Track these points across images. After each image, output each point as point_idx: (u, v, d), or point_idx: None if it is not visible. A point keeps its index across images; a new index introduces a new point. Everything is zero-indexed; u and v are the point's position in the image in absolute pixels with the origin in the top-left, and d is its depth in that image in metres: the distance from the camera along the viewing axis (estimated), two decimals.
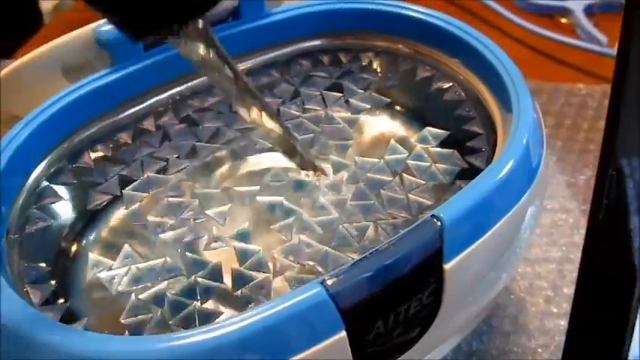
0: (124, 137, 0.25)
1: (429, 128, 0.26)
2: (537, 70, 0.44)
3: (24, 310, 0.18)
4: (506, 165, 0.21)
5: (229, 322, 0.17)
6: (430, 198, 0.24)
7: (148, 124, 0.26)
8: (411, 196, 0.24)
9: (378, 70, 0.29)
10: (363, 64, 0.29)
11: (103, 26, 0.24)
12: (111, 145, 0.25)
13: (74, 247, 0.23)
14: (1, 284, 0.18)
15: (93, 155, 0.25)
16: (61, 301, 0.21)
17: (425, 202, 0.23)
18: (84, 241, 0.23)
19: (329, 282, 0.17)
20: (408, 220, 0.23)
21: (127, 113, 0.26)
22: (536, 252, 0.33)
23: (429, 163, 0.25)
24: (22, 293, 0.20)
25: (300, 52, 0.29)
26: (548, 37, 0.46)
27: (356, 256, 0.19)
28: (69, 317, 0.21)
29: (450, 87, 0.26)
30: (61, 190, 0.24)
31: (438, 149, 0.25)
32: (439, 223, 0.19)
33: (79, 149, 0.25)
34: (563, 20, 0.48)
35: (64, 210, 0.23)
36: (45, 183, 0.23)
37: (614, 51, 0.44)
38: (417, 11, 0.27)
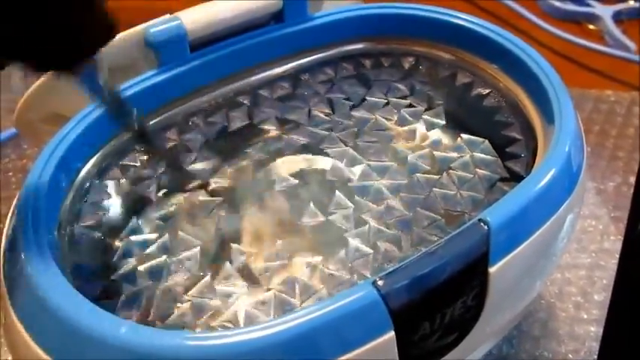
0: (169, 136, 0.26)
1: (467, 136, 0.27)
2: (565, 77, 0.44)
3: (82, 304, 0.18)
4: (549, 172, 0.21)
5: (281, 321, 0.17)
6: (480, 192, 0.24)
7: (192, 124, 0.27)
8: (462, 192, 0.24)
9: (418, 74, 0.29)
10: (404, 68, 0.29)
11: (152, 27, 0.25)
12: (159, 143, 0.26)
13: (123, 243, 0.23)
14: (59, 279, 0.19)
15: (139, 154, 0.25)
16: (113, 295, 0.22)
17: (478, 195, 0.24)
18: (132, 237, 0.24)
19: (380, 283, 0.18)
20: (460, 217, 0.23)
21: (172, 113, 0.26)
22: (565, 258, 0.33)
23: (470, 170, 0.25)
24: (75, 287, 0.21)
25: (342, 56, 0.29)
26: (576, 43, 0.46)
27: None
28: (120, 310, 0.21)
29: (489, 93, 0.27)
30: (111, 186, 0.24)
31: (480, 155, 0.26)
32: (486, 227, 0.19)
33: (126, 148, 0.25)
34: (591, 27, 0.48)
35: (113, 206, 0.24)
36: (95, 180, 0.24)
37: None
38: (458, 17, 0.27)
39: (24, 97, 0.27)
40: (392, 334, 0.18)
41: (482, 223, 0.19)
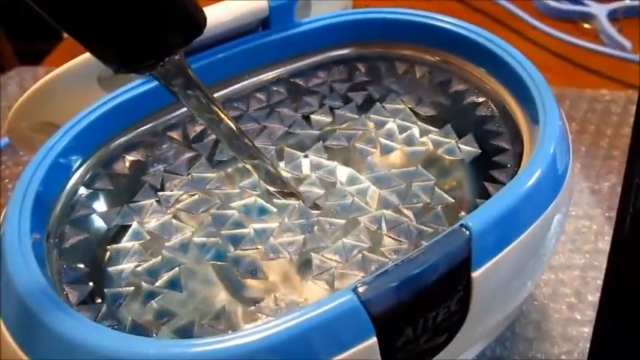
0: (158, 145, 0.26)
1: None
2: (560, 76, 0.44)
3: (62, 310, 0.18)
4: (533, 174, 0.21)
5: (261, 328, 0.17)
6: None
7: (179, 133, 0.27)
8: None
9: (406, 79, 0.29)
10: (391, 73, 0.29)
11: None
12: (145, 153, 0.26)
13: (111, 249, 0.24)
14: (43, 286, 0.19)
15: (128, 162, 0.25)
16: (98, 301, 0.22)
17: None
18: (120, 243, 0.24)
19: (360, 289, 0.18)
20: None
21: (159, 121, 0.26)
22: (559, 259, 0.33)
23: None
24: (61, 293, 0.21)
25: (329, 62, 0.29)
26: (572, 42, 0.46)
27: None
28: (104, 317, 0.21)
29: (478, 98, 0.26)
30: (98, 194, 0.24)
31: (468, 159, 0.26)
32: (467, 232, 0.19)
33: (115, 156, 0.25)
34: (587, 26, 0.48)
35: (102, 213, 0.24)
36: (82, 189, 0.24)
37: (638, 57, 0.44)
38: (445, 21, 0.27)
39: (15, 105, 0.27)
40: (374, 339, 0.18)
41: (463, 229, 0.19)
